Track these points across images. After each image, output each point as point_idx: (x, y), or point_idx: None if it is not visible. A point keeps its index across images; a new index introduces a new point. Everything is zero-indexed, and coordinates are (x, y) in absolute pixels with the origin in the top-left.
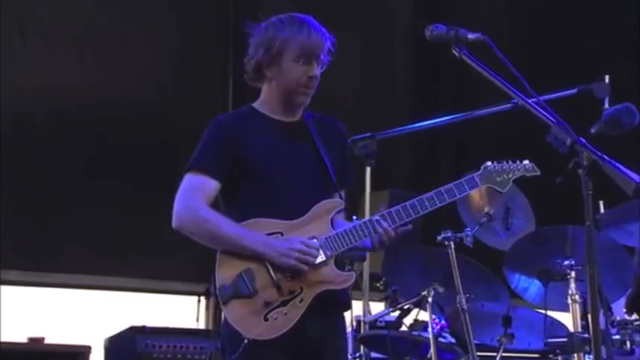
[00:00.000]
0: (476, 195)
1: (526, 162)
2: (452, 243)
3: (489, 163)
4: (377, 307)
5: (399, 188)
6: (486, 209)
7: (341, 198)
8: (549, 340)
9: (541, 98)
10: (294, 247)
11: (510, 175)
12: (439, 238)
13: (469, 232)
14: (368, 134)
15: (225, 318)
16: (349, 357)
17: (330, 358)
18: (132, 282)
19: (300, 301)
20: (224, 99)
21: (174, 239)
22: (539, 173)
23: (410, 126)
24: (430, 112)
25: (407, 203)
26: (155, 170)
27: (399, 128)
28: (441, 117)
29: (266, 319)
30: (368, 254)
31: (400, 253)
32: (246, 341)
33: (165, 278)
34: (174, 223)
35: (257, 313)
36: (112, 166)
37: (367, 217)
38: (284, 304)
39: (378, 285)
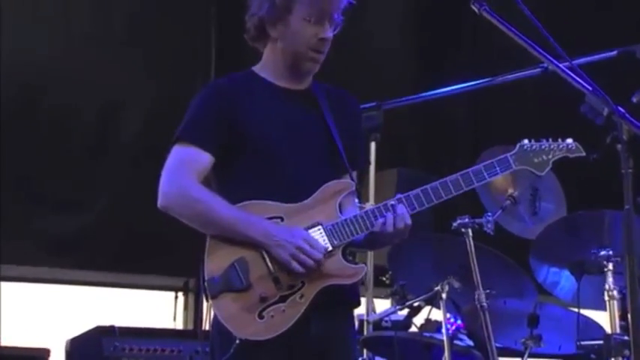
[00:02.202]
0: None
1: (569, 141)
2: (470, 230)
3: (526, 141)
4: (382, 305)
5: (409, 167)
6: (510, 191)
7: (352, 179)
8: (582, 342)
9: (574, 62)
10: (294, 241)
11: (550, 156)
12: (455, 224)
13: (490, 218)
14: (373, 104)
15: (215, 315)
16: None
17: None
18: (98, 275)
19: (301, 297)
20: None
21: (147, 224)
22: (584, 154)
23: (422, 95)
24: (445, 79)
25: (428, 186)
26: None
27: (409, 97)
28: (457, 84)
29: (261, 317)
30: None
31: (409, 243)
32: (237, 341)
33: (137, 271)
34: (160, 203)
35: (251, 310)
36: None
37: (372, 200)
38: (282, 300)
39: (384, 279)
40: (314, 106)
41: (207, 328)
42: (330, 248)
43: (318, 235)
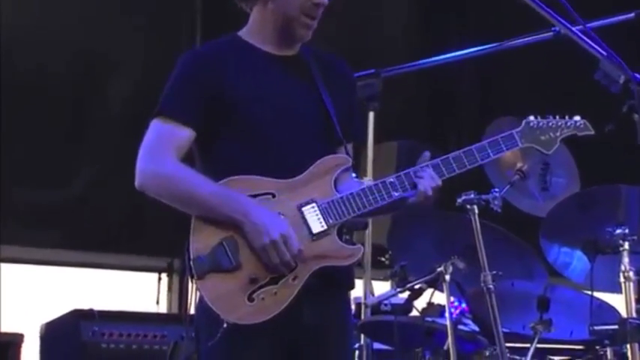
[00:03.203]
0: None
1: (577, 118)
2: (475, 207)
3: (532, 118)
4: (381, 288)
5: (411, 139)
6: (519, 165)
7: (347, 153)
8: (596, 327)
9: (588, 26)
10: (270, 233)
11: (558, 134)
12: (459, 200)
13: (497, 194)
14: (371, 71)
15: (201, 296)
16: None
17: (330, 351)
18: (75, 255)
19: (294, 279)
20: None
21: (129, 201)
22: (592, 132)
23: (423, 61)
24: (449, 44)
25: (429, 163)
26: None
27: (410, 64)
28: (462, 50)
29: (251, 300)
30: (371, 220)
31: (410, 220)
32: (225, 325)
33: (118, 250)
34: (137, 183)
35: (240, 292)
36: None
37: (369, 175)
38: (274, 281)
39: (383, 260)
40: (305, 74)
41: (193, 311)
42: (325, 227)
43: (312, 213)
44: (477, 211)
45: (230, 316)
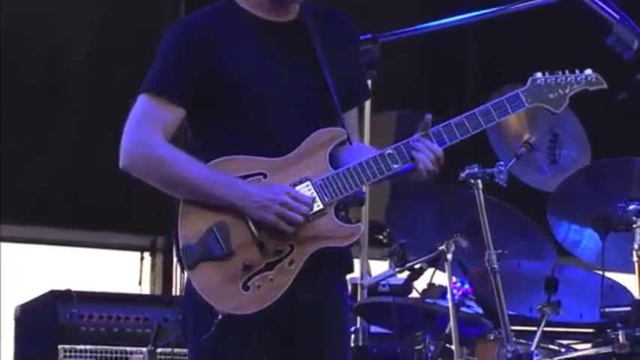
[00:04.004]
0: (512, 116)
1: (588, 72)
2: (479, 181)
3: (539, 74)
4: (379, 267)
5: (410, 109)
6: (526, 136)
7: (343, 126)
8: (607, 309)
9: None
10: (277, 198)
11: (567, 90)
12: (462, 174)
13: (503, 167)
14: (368, 36)
15: (191, 287)
16: None
17: (326, 333)
18: (52, 232)
19: (291, 264)
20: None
21: (109, 174)
22: (605, 86)
23: (424, 26)
24: (451, 8)
25: (429, 130)
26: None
27: (410, 29)
28: (464, 14)
29: (246, 288)
30: (368, 195)
31: (410, 196)
32: (220, 317)
33: (98, 228)
34: (121, 163)
35: (234, 280)
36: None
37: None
38: (269, 267)
39: (381, 237)
40: (303, 42)
41: (177, 293)
42: (322, 206)
43: (307, 192)
44: (481, 185)
45: (225, 307)
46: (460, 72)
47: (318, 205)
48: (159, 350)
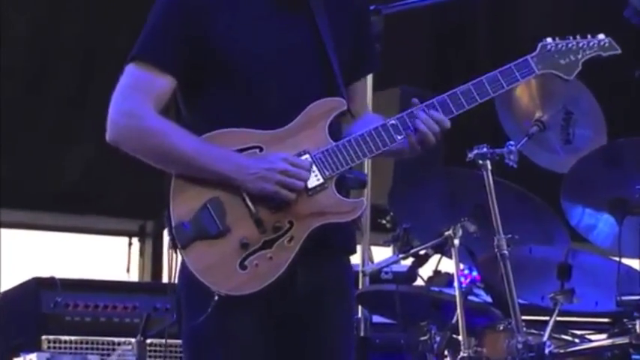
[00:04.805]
0: (523, 93)
1: (601, 36)
2: (488, 162)
3: (549, 40)
4: (381, 253)
5: (414, 85)
6: (538, 114)
7: (343, 96)
8: (624, 298)
9: None
10: (275, 166)
11: (579, 56)
12: (470, 155)
13: (513, 147)
14: (371, 7)
15: (185, 267)
16: None
17: (328, 320)
18: (35, 216)
19: (290, 241)
20: None
21: (95, 155)
22: (619, 51)
23: None
24: None
25: (434, 100)
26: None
27: (414, 0)
28: None
29: (243, 267)
30: (370, 177)
31: (415, 178)
32: (217, 297)
33: (83, 211)
34: (108, 136)
35: (231, 259)
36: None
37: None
38: (267, 245)
39: (384, 222)
40: (303, 8)
41: (168, 280)
42: (322, 180)
43: None
44: (490, 167)
45: (222, 287)
46: (468, 47)
47: (318, 179)
48: (148, 341)
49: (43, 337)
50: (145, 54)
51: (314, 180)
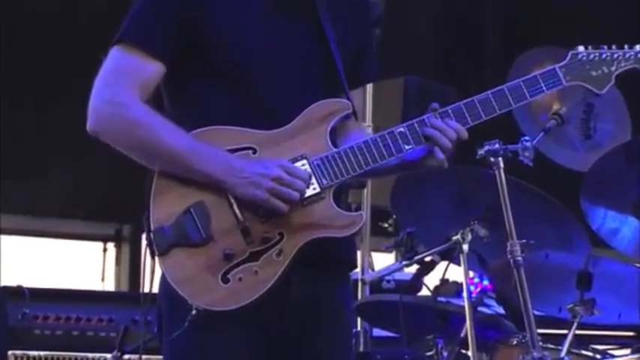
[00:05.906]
0: None
1: (638, 47)
2: (501, 160)
3: (581, 48)
4: (383, 260)
5: (421, 75)
6: (556, 107)
7: (348, 99)
8: None
9: None
10: (270, 172)
11: (613, 68)
12: (481, 152)
13: (528, 143)
14: None
15: (164, 276)
16: None
17: (326, 338)
18: (4, 220)
19: (279, 255)
20: None
21: (67, 154)
22: None
23: None
24: None
25: (449, 108)
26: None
27: None
28: None
29: (225, 280)
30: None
31: (420, 177)
32: (194, 312)
33: (55, 215)
34: (89, 126)
35: (212, 271)
36: None
37: (368, 119)
38: (253, 257)
39: (386, 226)
40: (309, 6)
41: (147, 290)
42: (318, 190)
43: None
44: (502, 164)
45: (200, 301)
46: (477, 31)
47: (314, 189)
48: (126, 357)
49: (10, 352)
50: (132, 37)
51: (310, 189)
